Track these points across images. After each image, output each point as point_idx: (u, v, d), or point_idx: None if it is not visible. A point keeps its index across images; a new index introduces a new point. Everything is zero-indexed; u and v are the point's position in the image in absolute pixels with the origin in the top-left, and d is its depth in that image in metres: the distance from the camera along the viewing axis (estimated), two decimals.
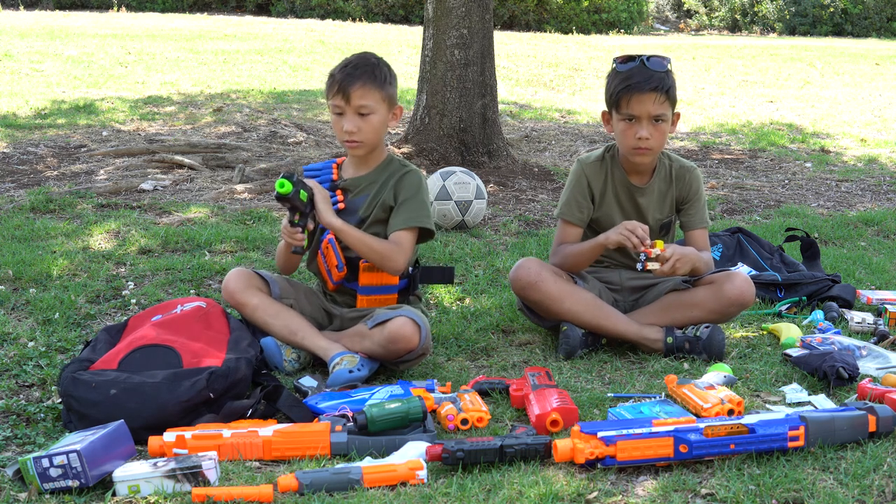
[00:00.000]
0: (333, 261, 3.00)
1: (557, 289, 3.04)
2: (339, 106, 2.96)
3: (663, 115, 3.03)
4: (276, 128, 6.92)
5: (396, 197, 3.01)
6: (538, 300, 3.06)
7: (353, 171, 3.10)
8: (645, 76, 3.01)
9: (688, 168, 3.22)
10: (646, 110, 3.00)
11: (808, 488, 2.10)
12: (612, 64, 3.12)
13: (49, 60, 10.22)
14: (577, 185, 3.18)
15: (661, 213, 3.20)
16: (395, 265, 2.96)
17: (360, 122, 2.96)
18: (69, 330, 3.17)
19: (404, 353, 2.82)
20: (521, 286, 3.06)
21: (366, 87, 2.95)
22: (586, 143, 7.06)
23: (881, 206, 5.35)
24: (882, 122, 8.58)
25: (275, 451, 2.31)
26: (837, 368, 2.70)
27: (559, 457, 2.22)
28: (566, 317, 3.04)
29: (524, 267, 3.06)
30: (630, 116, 3.03)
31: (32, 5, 18.66)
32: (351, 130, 2.95)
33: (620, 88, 3.02)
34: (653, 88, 2.99)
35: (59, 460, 2.10)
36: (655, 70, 3.02)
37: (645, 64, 3.03)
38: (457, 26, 5.61)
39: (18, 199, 4.86)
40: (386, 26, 17.16)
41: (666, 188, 3.20)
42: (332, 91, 2.97)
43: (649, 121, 3.02)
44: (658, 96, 3.00)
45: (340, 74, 2.97)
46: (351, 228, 2.93)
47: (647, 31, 21.15)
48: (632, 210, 3.18)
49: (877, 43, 18.14)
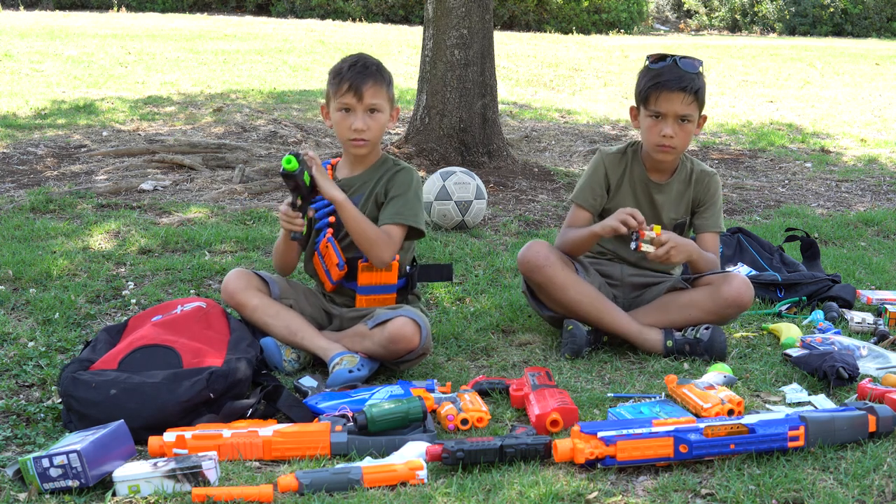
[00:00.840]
0: (334, 259, 3.00)
1: (563, 276, 3.04)
2: (348, 104, 2.95)
3: (690, 115, 3.07)
4: (276, 128, 6.92)
5: (387, 192, 3.01)
6: (543, 283, 3.06)
7: (347, 171, 3.09)
8: (676, 75, 3.05)
9: (708, 173, 3.25)
10: (673, 109, 3.04)
11: (808, 488, 2.10)
12: (645, 61, 3.16)
13: (49, 60, 10.22)
14: (595, 174, 3.22)
15: (677, 212, 3.21)
16: (381, 255, 2.93)
17: (370, 121, 2.96)
18: (69, 330, 3.17)
19: (405, 354, 2.82)
20: (529, 268, 3.06)
21: (376, 85, 2.96)
22: (586, 143, 7.06)
23: (881, 207, 5.35)
24: (882, 122, 8.58)
25: (275, 451, 2.31)
26: (837, 368, 2.70)
27: (559, 457, 2.22)
28: (569, 306, 3.04)
29: (533, 249, 3.07)
30: (657, 113, 3.06)
31: (32, 5, 18.66)
32: (361, 128, 2.95)
33: (650, 85, 3.07)
34: (682, 88, 3.03)
35: (59, 460, 2.10)
36: (687, 71, 3.07)
37: (677, 63, 3.07)
38: (457, 26, 5.61)
39: (18, 200, 4.86)
40: (386, 26, 17.17)
41: (684, 189, 3.21)
42: (342, 89, 2.95)
43: (675, 119, 3.05)
44: (686, 96, 3.04)
45: (350, 73, 2.94)
46: (352, 206, 2.91)
47: (647, 32, 21.15)
48: (647, 206, 3.19)
49: (877, 43, 18.14)
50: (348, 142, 3.00)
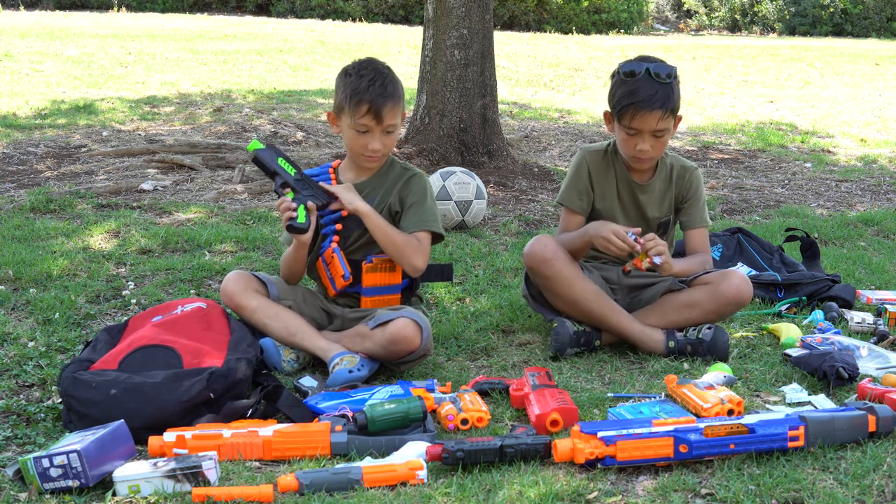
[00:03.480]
0: (339, 270, 2.97)
1: (570, 271, 3.03)
2: (366, 125, 2.91)
3: (665, 128, 3.03)
4: (276, 128, 6.92)
5: (403, 201, 3.01)
6: (550, 276, 3.03)
7: (353, 175, 3.07)
8: (650, 91, 2.97)
9: (688, 168, 3.22)
10: (649, 126, 3.00)
11: (808, 488, 2.10)
12: (617, 69, 3.08)
13: (49, 60, 10.22)
14: (578, 174, 3.19)
15: (661, 211, 3.21)
16: (413, 261, 2.92)
17: (386, 139, 2.95)
18: (69, 330, 3.17)
19: (405, 354, 2.82)
20: (537, 260, 3.03)
21: (395, 107, 2.94)
22: (586, 143, 7.06)
23: (881, 207, 5.35)
24: (882, 122, 8.58)
25: (275, 451, 2.31)
26: (837, 368, 2.70)
27: (559, 457, 2.22)
28: (574, 303, 3.03)
29: (541, 242, 3.05)
30: (633, 130, 3.02)
31: (32, 5, 18.66)
32: (378, 150, 2.94)
33: (625, 104, 2.99)
34: (658, 107, 2.97)
35: (59, 460, 2.10)
36: (661, 82, 2.99)
37: (650, 74, 2.99)
38: (457, 26, 5.61)
39: (18, 200, 4.86)
40: (386, 26, 17.17)
41: (666, 187, 3.20)
42: (361, 111, 2.90)
43: (651, 135, 3.02)
44: (662, 113, 2.99)
45: (370, 94, 2.89)
46: (377, 215, 2.91)
47: (647, 32, 21.15)
48: (632, 207, 3.18)
49: (877, 43, 18.14)
50: (361, 157, 2.98)
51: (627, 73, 3.03)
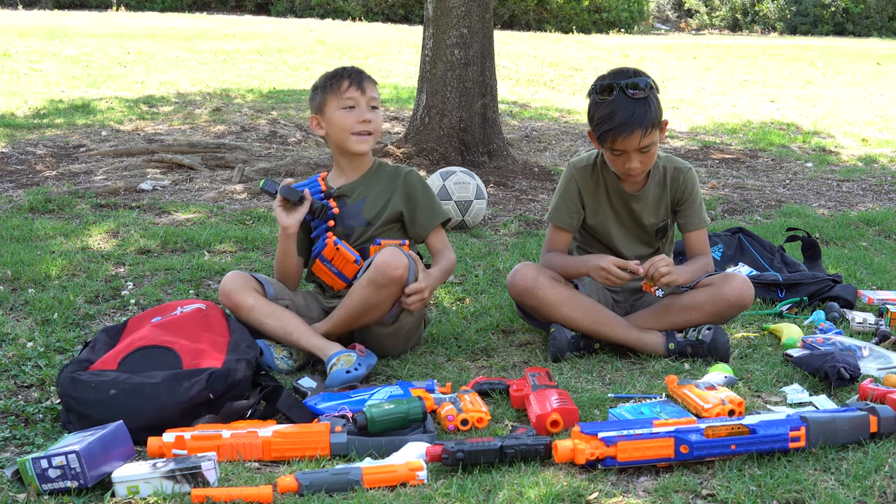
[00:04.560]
0: (349, 257, 3.01)
1: (555, 294, 3.02)
2: (352, 98, 3.03)
3: (651, 143, 2.95)
4: (276, 127, 6.91)
5: (408, 200, 3.08)
6: (535, 306, 3.04)
7: (342, 179, 3.14)
8: (627, 114, 2.88)
9: (682, 169, 3.16)
10: (632, 146, 2.93)
11: (810, 489, 2.09)
12: (592, 87, 2.99)
13: (48, 60, 10.22)
14: (567, 191, 3.15)
15: (657, 217, 3.17)
16: (455, 264, 3.16)
17: (372, 115, 3.06)
18: (68, 330, 3.16)
19: (394, 289, 2.84)
20: (519, 292, 3.05)
21: (373, 84, 3.13)
22: (586, 143, 7.05)
23: (882, 206, 5.35)
24: (883, 121, 8.58)
25: (274, 451, 2.30)
26: (839, 369, 2.69)
27: (559, 457, 2.22)
28: (564, 322, 3.02)
29: (521, 273, 3.04)
30: (618, 151, 2.97)
31: (31, 4, 18.65)
32: (368, 119, 3.04)
33: (604, 129, 2.91)
34: (638, 126, 2.88)
35: (57, 461, 2.09)
36: (637, 98, 2.90)
37: (625, 93, 2.90)
38: (457, 26, 5.61)
39: (17, 199, 4.85)
40: (386, 26, 17.17)
41: (661, 192, 3.15)
42: (343, 86, 3.04)
43: (637, 152, 2.95)
44: (643, 132, 2.90)
45: (347, 72, 3.07)
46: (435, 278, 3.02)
47: (647, 31, 21.16)
48: (627, 216, 3.16)
49: (878, 42, 18.14)
50: (353, 137, 3.04)
51: (601, 93, 2.95)
